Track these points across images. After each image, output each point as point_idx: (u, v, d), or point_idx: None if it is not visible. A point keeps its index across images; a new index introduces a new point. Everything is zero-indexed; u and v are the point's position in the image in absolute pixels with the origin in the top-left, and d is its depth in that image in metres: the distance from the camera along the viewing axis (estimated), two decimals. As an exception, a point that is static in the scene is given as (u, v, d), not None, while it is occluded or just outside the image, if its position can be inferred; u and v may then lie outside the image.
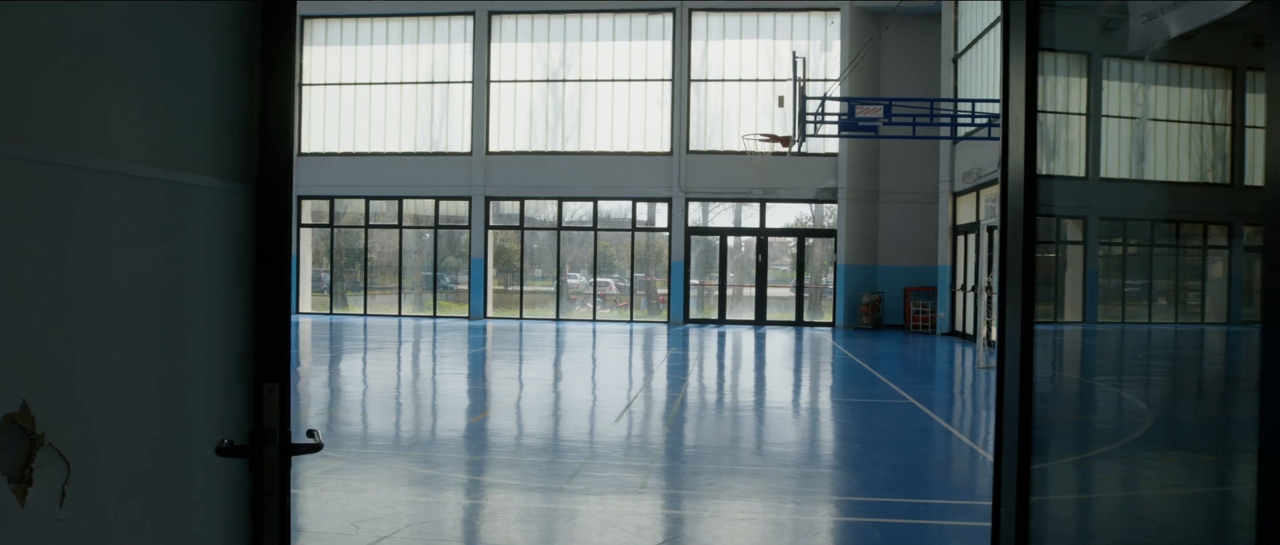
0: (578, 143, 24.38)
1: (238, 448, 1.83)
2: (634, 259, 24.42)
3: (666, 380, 12.88)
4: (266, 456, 1.84)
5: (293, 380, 12.18)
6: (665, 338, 19.67)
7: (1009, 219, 2.18)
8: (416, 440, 8.29)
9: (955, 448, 8.48)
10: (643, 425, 9.22)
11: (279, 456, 1.86)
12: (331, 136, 25.43)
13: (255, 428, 1.86)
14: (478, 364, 14.73)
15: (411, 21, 24.94)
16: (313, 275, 25.98)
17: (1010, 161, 2.26)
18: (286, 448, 1.87)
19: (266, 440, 1.85)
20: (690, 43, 23.64)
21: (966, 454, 8.14)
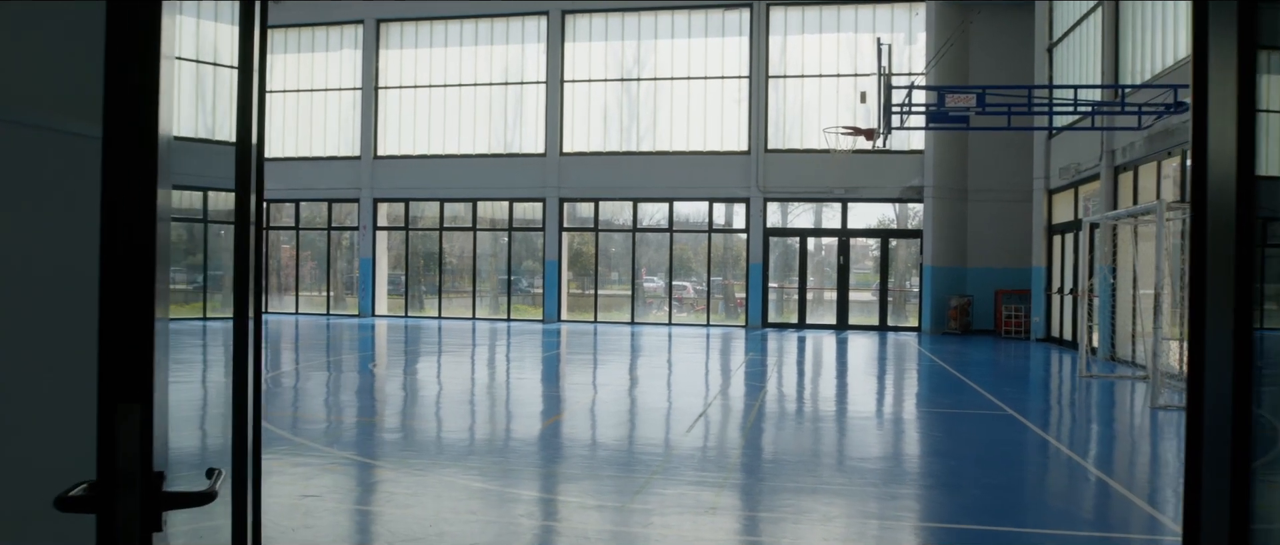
0: (653, 143, 23.90)
1: (78, 498, 1.31)
2: (711, 261, 23.82)
3: (743, 386, 12.28)
4: (119, 510, 1.32)
5: (369, 382, 11.95)
6: (742, 342, 19.03)
7: (1211, 221, 1.59)
8: (483, 446, 7.87)
9: (1062, 466, 7.70)
10: (718, 434, 8.65)
11: (141, 510, 1.33)
12: (407, 139, 25.46)
13: (103, 468, 1.33)
14: (550, 368, 14.33)
15: (485, 23, 24.80)
16: (388, 278, 26.04)
17: (1211, 159, 1.67)
18: (153, 498, 1.35)
19: (119, 486, 1.32)
20: (768, 38, 22.95)
21: (1076, 473, 7.36)
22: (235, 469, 1.94)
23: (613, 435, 8.62)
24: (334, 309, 26.22)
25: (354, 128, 25.74)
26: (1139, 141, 14.58)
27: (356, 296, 25.68)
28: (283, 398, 10.65)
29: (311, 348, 16.78)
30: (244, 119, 1.98)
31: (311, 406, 10.11)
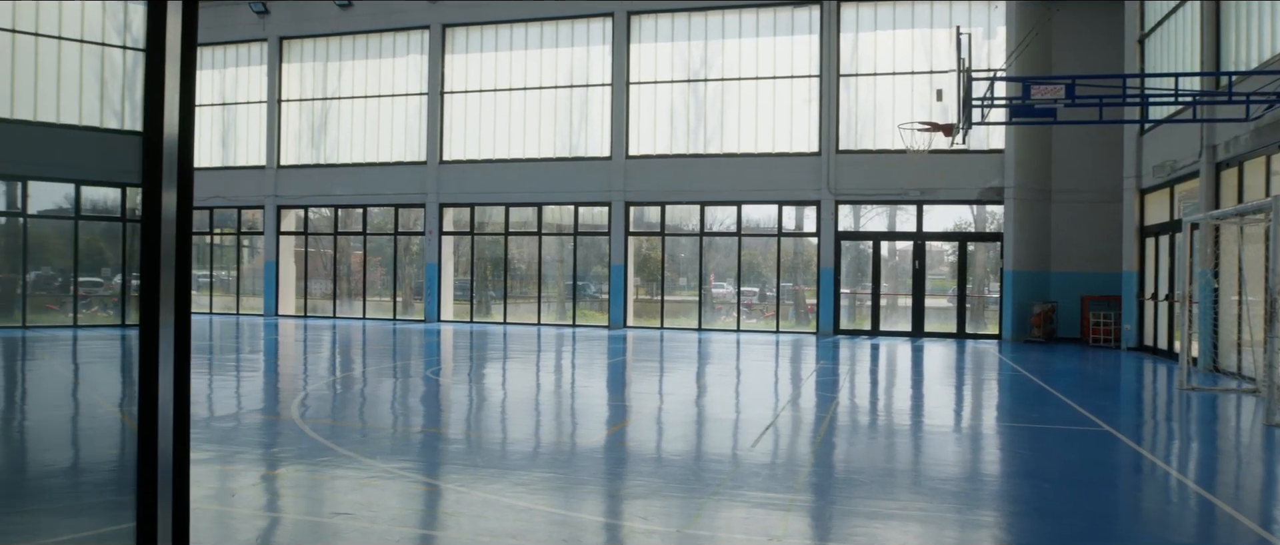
0: (720, 145, 23.36)
1: None
2: (780, 266, 23.17)
3: (814, 396, 11.66)
4: None
5: (430, 389, 11.67)
6: (813, 350, 18.36)
7: None
8: (539, 456, 7.45)
9: (1168, 489, 6.96)
10: (786, 448, 8.10)
11: None
12: (472, 144, 25.37)
13: None
14: (615, 374, 13.91)
15: (550, 26, 24.58)
16: (454, 283, 25.98)
17: None
18: None
19: None
20: (839, 36, 22.24)
21: (1185, 497, 6.62)
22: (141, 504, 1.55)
23: (676, 447, 8.13)
24: (401, 314, 26.25)
25: (420, 133, 25.76)
26: (1245, 135, 13.54)
27: (423, 302, 25.67)
28: (337, 405, 10.41)
29: (376, 353, 16.65)
30: (153, 105, 1.60)
31: (369, 414, 9.83)
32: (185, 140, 1.66)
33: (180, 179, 1.65)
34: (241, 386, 11.81)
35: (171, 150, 1.63)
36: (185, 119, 1.66)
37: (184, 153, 1.66)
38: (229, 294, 28.19)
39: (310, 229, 27.41)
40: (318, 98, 26.95)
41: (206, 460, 7.12)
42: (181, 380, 1.66)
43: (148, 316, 1.60)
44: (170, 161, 1.63)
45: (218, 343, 17.92)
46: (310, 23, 26.61)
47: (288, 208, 27.21)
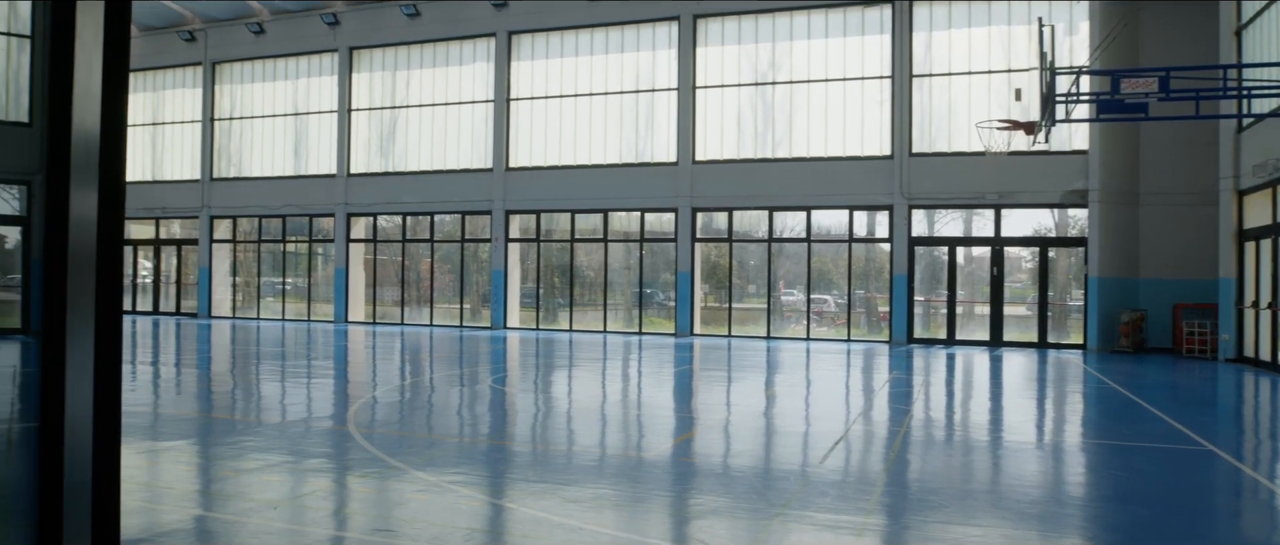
0: (789, 149, 22.84)
1: None
2: (851, 273, 22.52)
3: (887, 408, 11.13)
4: None
5: (495, 397, 11.47)
6: (886, 359, 17.73)
7: None
8: (602, 467, 7.12)
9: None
10: (858, 464, 7.63)
11: None
12: (538, 151, 25.29)
13: None
14: (681, 383, 13.55)
15: (615, 31, 24.37)
16: (521, 290, 25.91)
17: None
18: None
19: None
20: (911, 35, 21.55)
21: (1304, 526, 5.98)
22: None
23: (742, 461, 7.73)
24: (468, 321, 26.28)
25: (486, 140, 25.78)
26: (1355, 131, 12.58)
27: (490, 309, 25.64)
28: (395, 414, 10.25)
29: (440, 361, 16.55)
30: (60, 93, 1.33)
31: (427, 423, 9.64)
32: (110, 136, 1.38)
33: (104, 177, 1.37)
34: (301, 393, 11.76)
35: (88, 146, 1.36)
36: (111, 112, 1.38)
37: (109, 149, 1.38)
38: (301, 300, 28.58)
39: (379, 236, 27.65)
40: (386, 106, 27.18)
41: (253, 469, 6.96)
42: (105, 398, 1.37)
43: (52, 328, 1.31)
44: (86, 158, 1.36)
45: (285, 349, 18.05)
46: (379, 32, 26.87)
47: (357, 215, 27.49)
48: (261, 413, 10.12)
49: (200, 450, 7.94)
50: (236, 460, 7.44)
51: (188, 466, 7.29)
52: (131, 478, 6.68)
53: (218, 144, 29.60)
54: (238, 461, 7.40)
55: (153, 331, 22.79)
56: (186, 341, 19.91)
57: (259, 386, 12.50)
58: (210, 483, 6.69)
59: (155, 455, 7.64)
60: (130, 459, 7.34)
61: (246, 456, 7.58)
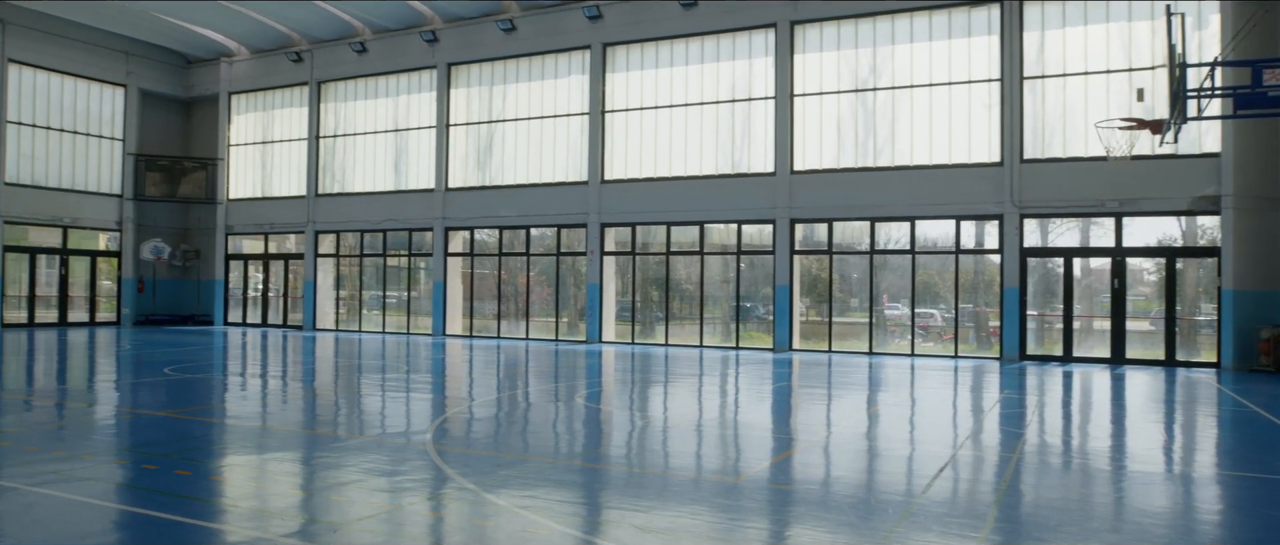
0: (891, 157, 21.98)
1: None
2: (959, 286, 21.49)
3: (998, 430, 10.36)
4: None
5: (583, 413, 11.16)
6: (996, 377, 16.75)
7: None
8: (690, 489, 6.69)
9: None
10: (966, 492, 6.99)
11: None
12: (633, 162, 25.05)
13: None
14: (780, 400, 12.99)
15: (711, 40, 23.97)
16: (616, 304, 25.67)
17: None
18: None
19: None
20: (1021, 35, 20.48)
21: None
22: None
23: (841, 485, 7.17)
24: (564, 335, 26.17)
25: (582, 153, 25.69)
26: None
27: (585, 322, 25.49)
28: (475, 430, 10.02)
29: (531, 375, 16.37)
30: None
31: (508, 441, 9.36)
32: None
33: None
34: (385, 408, 11.67)
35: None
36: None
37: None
38: (402, 314, 29.00)
39: (476, 250, 27.85)
40: (483, 121, 27.40)
41: (321, 488, 6.77)
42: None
43: None
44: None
45: (377, 362, 18.18)
46: (476, 48, 27.13)
47: (455, 229, 27.75)
48: (341, 427, 10.02)
49: (268, 465, 7.83)
50: (303, 477, 7.28)
51: (255, 481, 7.16)
52: (198, 492, 6.56)
53: (322, 161, 30.39)
54: (304, 478, 7.24)
55: (260, 344, 23.38)
56: (291, 354, 20.30)
57: (345, 400, 12.49)
58: (268, 500, 6.52)
59: (226, 470, 7.55)
60: (206, 472, 7.26)
61: (318, 473, 7.42)
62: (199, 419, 10.08)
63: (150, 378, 14.65)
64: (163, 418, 10.22)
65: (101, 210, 30.90)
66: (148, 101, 32.32)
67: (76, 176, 30.42)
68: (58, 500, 6.12)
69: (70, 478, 6.64)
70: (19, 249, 29.13)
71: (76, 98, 30.36)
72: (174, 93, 32.92)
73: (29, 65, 28.82)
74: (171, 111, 33.41)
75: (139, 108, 31.86)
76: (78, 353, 19.94)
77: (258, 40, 30.56)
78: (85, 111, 30.62)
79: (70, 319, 30.41)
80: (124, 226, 31.47)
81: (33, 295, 29.53)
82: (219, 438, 9.01)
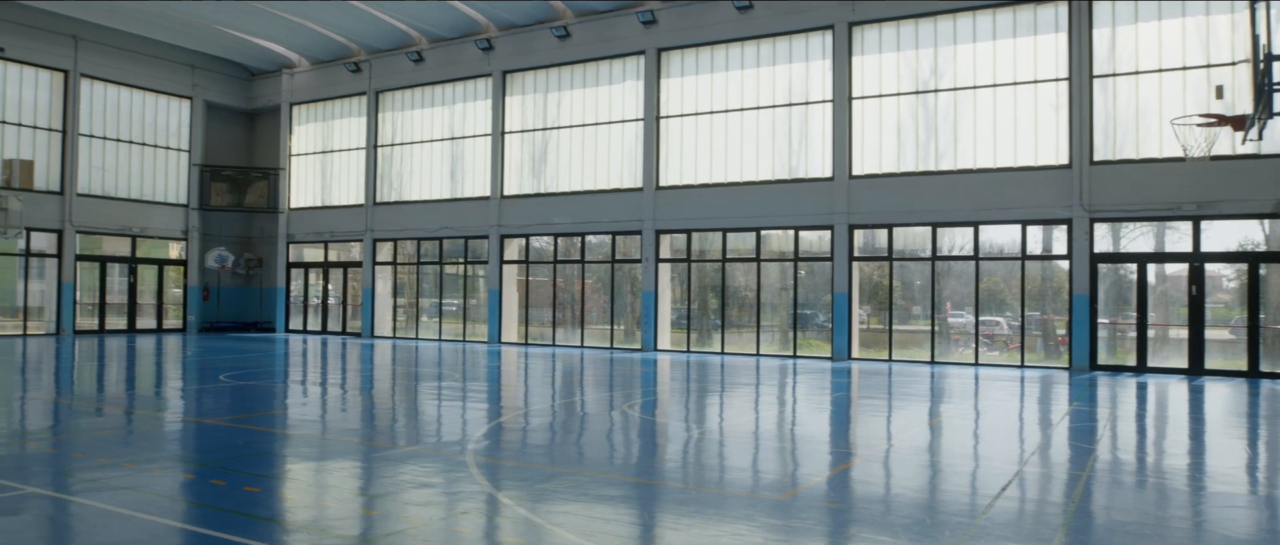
0: (954, 160, 21.34)
1: None
2: (1025, 293, 20.74)
3: (1067, 445, 9.83)
4: None
5: (632, 422, 10.89)
6: (1065, 388, 16.06)
7: None
8: (745, 506, 6.37)
9: None
10: (1034, 511, 6.55)
11: None
12: (688, 168, 24.76)
13: None
14: (839, 410, 12.57)
15: (767, 43, 23.57)
16: (672, 311, 25.37)
17: None
18: None
19: None
20: (1091, 32, 19.72)
21: None
22: None
23: (902, 501, 6.77)
24: (619, 343, 25.95)
25: (636, 159, 25.48)
26: None
27: (641, 330, 25.24)
28: (519, 439, 9.80)
29: (583, 383, 16.16)
30: None
31: (551, 452, 9.12)
32: None
33: None
34: (430, 416, 11.53)
35: None
36: None
37: None
38: (458, 321, 29.09)
39: (531, 257, 27.80)
40: (538, 128, 27.38)
41: (346, 498, 6.59)
42: None
43: None
44: None
45: (430, 370, 18.14)
46: (531, 55, 27.12)
47: (510, 237, 27.75)
48: (380, 435, 9.89)
49: (327, 478, 7.70)
50: (331, 486, 7.13)
51: (316, 497, 7.02)
52: (266, 511, 6.43)
53: (380, 169, 30.68)
54: (334, 488, 7.08)
55: (320, 351, 23.59)
56: (349, 362, 20.40)
57: (392, 408, 12.40)
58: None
59: (290, 485, 7.43)
60: (273, 488, 7.15)
61: (349, 482, 7.27)
62: (262, 429, 10.03)
63: (215, 384, 14.80)
64: (228, 426, 10.20)
65: (168, 220, 31.62)
66: (212, 113, 33.02)
67: (144, 187, 31.17)
68: (127, 519, 6.03)
69: (140, 490, 6.55)
70: (90, 258, 29.93)
71: (145, 110, 31.13)
72: (238, 104, 33.58)
73: (100, 79, 29.63)
74: (235, 123, 34.08)
75: (204, 119, 32.56)
76: (146, 359, 20.30)
77: (318, 51, 31.00)
78: (153, 124, 31.39)
79: (139, 326, 31.14)
80: (190, 235, 32.15)
81: (103, 302, 30.31)
82: (283, 449, 8.93)
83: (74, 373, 16.96)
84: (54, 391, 13.82)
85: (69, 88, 28.85)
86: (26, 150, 28.19)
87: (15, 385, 14.64)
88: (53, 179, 28.73)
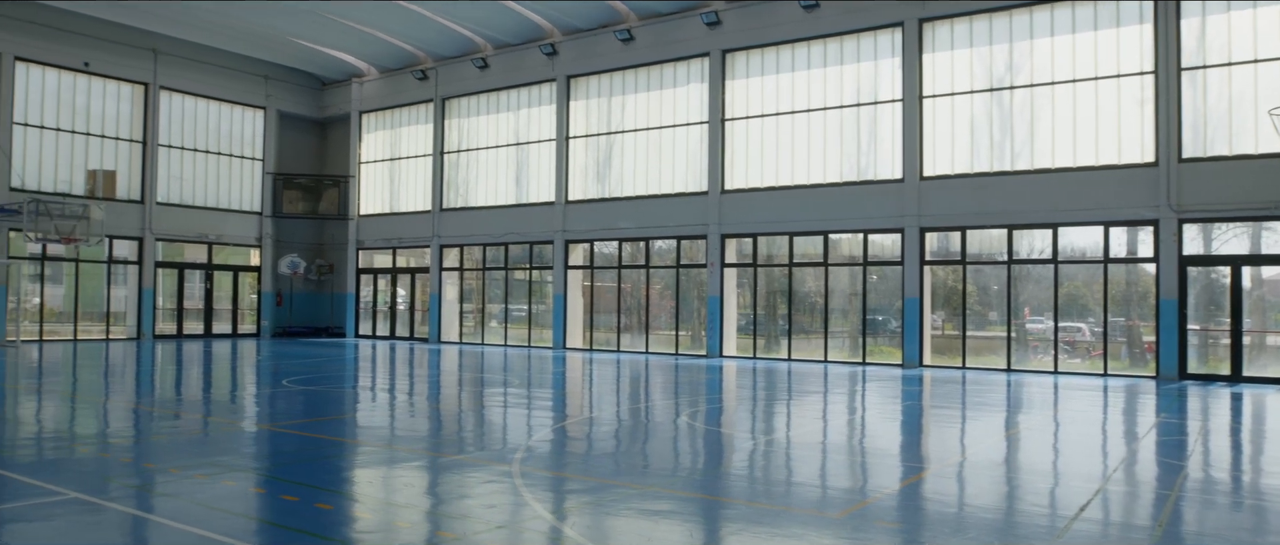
0: (1030, 160, 20.51)
1: None
2: (1108, 298, 19.80)
3: (1154, 459, 9.19)
4: None
5: (691, 432, 10.58)
6: (1152, 399, 15.22)
7: None
8: (820, 514, 6.01)
9: None
10: (1118, 533, 6.03)
11: None
12: (753, 171, 24.32)
13: None
14: (910, 419, 12.07)
15: (833, 42, 23.01)
16: (737, 316, 24.94)
17: None
18: None
19: None
20: (1179, 23, 18.74)
21: None
22: None
23: (975, 518, 6.32)
24: (682, 349, 25.62)
25: (701, 163, 25.13)
26: None
27: (706, 336, 24.86)
28: (568, 448, 9.55)
29: (644, 390, 15.88)
30: None
31: (600, 463, 8.84)
32: None
33: None
34: (480, 424, 11.36)
35: None
36: None
37: None
38: (524, 326, 29.08)
39: (596, 262, 27.65)
40: (602, 132, 27.23)
41: (372, 512, 6.39)
42: None
43: None
44: None
45: (498, 376, 18.05)
46: (595, 59, 27.00)
47: (575, 242, 27.64)
48: (422, 444, 9.73)
49: (395, 490, 7.54)
50: (360, 498, 6.95)
51: (385, 512, 6.87)
52: (338, 533, 6.30)
53: (447, 176, 30.88)
54: (361, 501, 6.90)
55: (388, 356, 23.77)
56: (417, 367, 20.47)
57: (469, 416, 12.28)
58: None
59: (360, 501, 7.30)
60: (344, 506, 7.02)
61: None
62: (333, 437, 9.95)
63: (286, 389, 14.96)
64: (298, 434, 10.16)
65: (243, 227, 32.32)
66: (285, 122, 33.69)
67: (220, 195, 31.92)
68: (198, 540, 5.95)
69: (211, 508, 6.44)
70: (169, 265, 30.75)
71: (220, 121, 31.89)
72: (309, 113, 34.20)
73: (178, 91, 30.44)
74: (307, 131, 34.72)
75: (277, 129, 33.23)
76: (221, 364, 20.67)
77: (386, 60, 31.37)
78: (228, 134, 32.13)
79: (215, 330, 31.88)
80: (263, 243, 32.82)
81: (181, 308, 31.11)
82: (353, 457, 8.82)
83: (155, 376, 17.29)
84: (134, 395, 14.06)
85: (149, 100, 29.70)
86: (109, 161, 29.08)
87: (98, 389, 14.96)
88: (134, 188, 29.59)
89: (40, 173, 27.42)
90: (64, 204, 25.47)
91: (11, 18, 26.39)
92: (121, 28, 28.60)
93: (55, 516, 6.15)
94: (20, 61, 26.84)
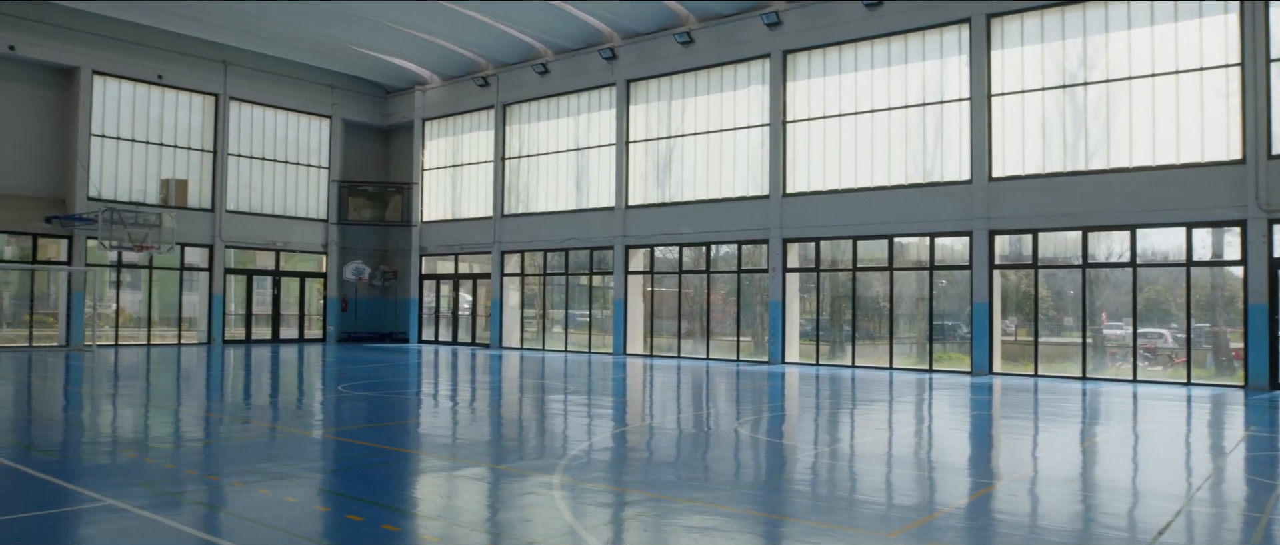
0: (1106, 159, 19.73)
1: None
2: (1191, 302, 18.91)
3: (1244, 476, 8.63)
4: None
5: (738, 442, 10.29)
6: (1241, 410, 14.44)
7: None
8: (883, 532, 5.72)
9: None
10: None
11: None
12: (816, 174, 23.88)
13: None
14: (979, 429, 11.60)
15: (898, 40, 22.47)
16: (800, 322, 24.50)
17: None
18: None
19: None
20: (1268, 12, 17.83)
21: None
22: None
23: (1045, 538, 5.95)
24: (744, 355, 25.26)
25: (762, 166, 24.77)
26: None
27: (768, 342, 24.48)
28: (617, 459, 9.33)
29: (702, 398, 15.60)
30: None
31: (645, 474, 8.61)
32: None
33: None
34: (532, 432, 11.21)
35: None
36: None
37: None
38: (584, 332, 29.01)
39: (656, 268, 27.45)
40: (662, 136, 27.03)
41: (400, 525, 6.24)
42: None
43: None
44: None
45: (558, 383, 17.95)
46: (654, 63, 26.83)
47: (635, 247, 27.48)
48: (484, 452, 9.60)
49: (432, 498, 7.42)
50: (423, 516, 6.81)
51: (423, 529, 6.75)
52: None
53: (508, 181, 31.01)
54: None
55: (450, 362, 23.88)
56: (478, 374, 20.50)
57: (531, 423, 12.17)
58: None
59: (422, 518, 7.20)
60: (411, 529, 6.93)
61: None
62: (395, 448, 9.89)
63: (350, 394, 15.07)
64: (363, 446, 10.11)
65: (309, 234, 32.88)
66: (350, 130, 34.21)
67: (287, 203, 32.52)
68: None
69: (274, 527, 6.37)
70: (238, 271, 31.42)
71: (287, 130, 32.52)
72: (373, 121, 34.68)
73: (247, 101, 31.11)
74: (371, 139, 35.21)
75: (342, 137, 33.76)
76: (288, 370, 20.97)
77: (448, 67, 31.64)
78: (295, 142, 32.74)
79: (282, 336, 32.47)
80: (329, 249, 33.34)
81: (250, 313, 31.76)
82: (415, 467, 8.76)
83: (225, 382, 17.58)
84: (204, 401, 14.27)
85: (219, 110, 30.40)
86: (181, 170, 29.83)
87: (170, 394, 15.23)
88: (205, 197, 30.30)
89: (116, 182, 28.24)
90: (138, 213, 26.20)
91: (89, 32, 27.24)
92: (193, 41, 29.33)
93: (131, 531, 6.13)
94: (98, 75, 27.67)
